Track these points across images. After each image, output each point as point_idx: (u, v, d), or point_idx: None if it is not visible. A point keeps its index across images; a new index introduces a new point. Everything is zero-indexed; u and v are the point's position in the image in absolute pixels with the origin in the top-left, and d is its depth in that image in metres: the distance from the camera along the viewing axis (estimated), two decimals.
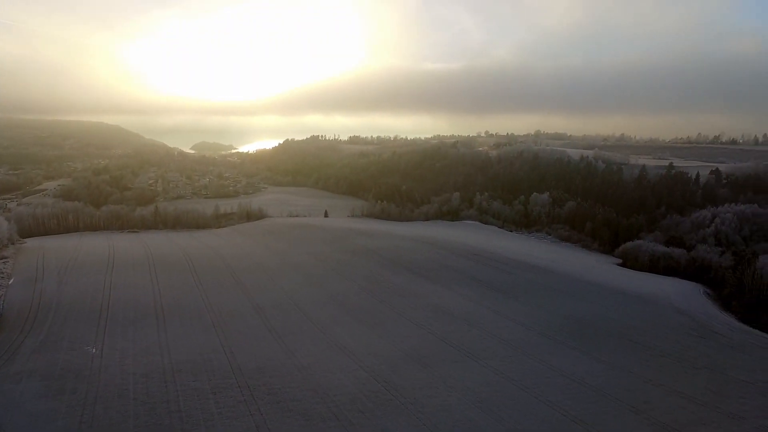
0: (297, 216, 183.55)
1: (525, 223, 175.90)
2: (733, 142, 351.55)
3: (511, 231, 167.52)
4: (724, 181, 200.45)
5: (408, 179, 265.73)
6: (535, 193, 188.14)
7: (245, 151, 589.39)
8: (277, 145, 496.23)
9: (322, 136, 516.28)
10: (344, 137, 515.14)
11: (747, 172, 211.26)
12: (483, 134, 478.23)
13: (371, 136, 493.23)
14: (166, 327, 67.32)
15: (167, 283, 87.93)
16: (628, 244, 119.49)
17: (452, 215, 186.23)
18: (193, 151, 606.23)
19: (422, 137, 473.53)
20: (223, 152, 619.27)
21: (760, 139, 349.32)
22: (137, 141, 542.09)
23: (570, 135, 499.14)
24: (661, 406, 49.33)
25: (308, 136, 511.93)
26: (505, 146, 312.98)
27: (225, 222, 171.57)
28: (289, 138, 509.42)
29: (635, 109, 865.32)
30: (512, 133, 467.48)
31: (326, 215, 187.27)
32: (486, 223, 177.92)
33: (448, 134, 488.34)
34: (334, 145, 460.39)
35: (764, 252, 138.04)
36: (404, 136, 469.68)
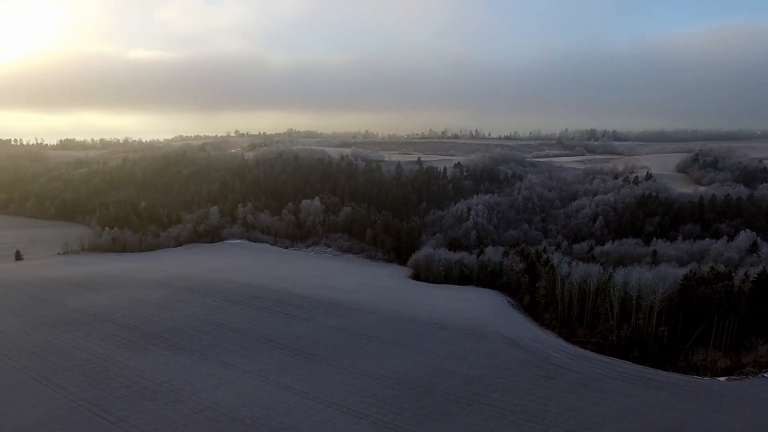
0: None
1: (299, 235, 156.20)
2: (455, 136, 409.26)
3: (287, 248, 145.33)
4: (466, 173, 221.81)
5: (148, 192, 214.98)
6: (305, 200, 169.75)
7: None
8: None
9: (17, 140, 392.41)
10: (53, 141, 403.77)
11: (479, 164, 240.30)
12: (233, 134, 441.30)
13: (92, 140, 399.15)
14: None
15: None
16: (420, 254, 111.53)
17: (213, 235, 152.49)
18: None
19: (161, 139, 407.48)
20: None
21: (474, 133, 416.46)
22: None
23: (321, 133, 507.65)
24: None
25: None
26: (261, 147, 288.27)
27: None
28: None
29: (375, 106, 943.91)
30: (265, 132, 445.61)
31: (19, 257, 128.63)
32: (255, 240, 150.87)
33: (192, 134, 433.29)
34: (36, 151, 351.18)
35: (512, 238, 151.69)
36: (137, 139, 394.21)
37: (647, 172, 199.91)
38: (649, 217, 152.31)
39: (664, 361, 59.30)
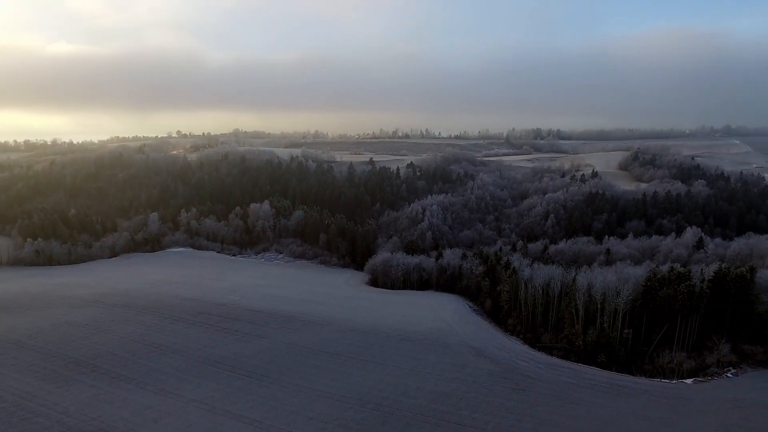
0: None
1: (248, 241, 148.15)
2: (406, 136, 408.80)
3: (235, 255, 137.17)
4: (419, 174, 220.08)
5: (79, 198, 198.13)
6: (254, 204, 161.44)
7: None
8: None
9: None
10: None
11: (431, 164, 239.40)
12: (175, 134, 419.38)
13: (14, 141, 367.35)
14: None
15: None
16: (377, 259, 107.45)
17: (152, 244, 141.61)
18: None
19: (95, 140, 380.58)
20: None
21: (424, 133, 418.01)
22: None
23: (269, 133, 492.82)
24: None
25: None
26: (205, 148, 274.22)
27: None
28: None
29: (324, 105, 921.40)
30: (209, 133, 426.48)
31: None
32: (200, 248, 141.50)
33: (130, 135, 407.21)
34: None
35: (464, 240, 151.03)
36: (67, 140, 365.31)
37: (593, 170, 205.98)
38: (598, 214, 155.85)
39: (631, 365, 58.40)
